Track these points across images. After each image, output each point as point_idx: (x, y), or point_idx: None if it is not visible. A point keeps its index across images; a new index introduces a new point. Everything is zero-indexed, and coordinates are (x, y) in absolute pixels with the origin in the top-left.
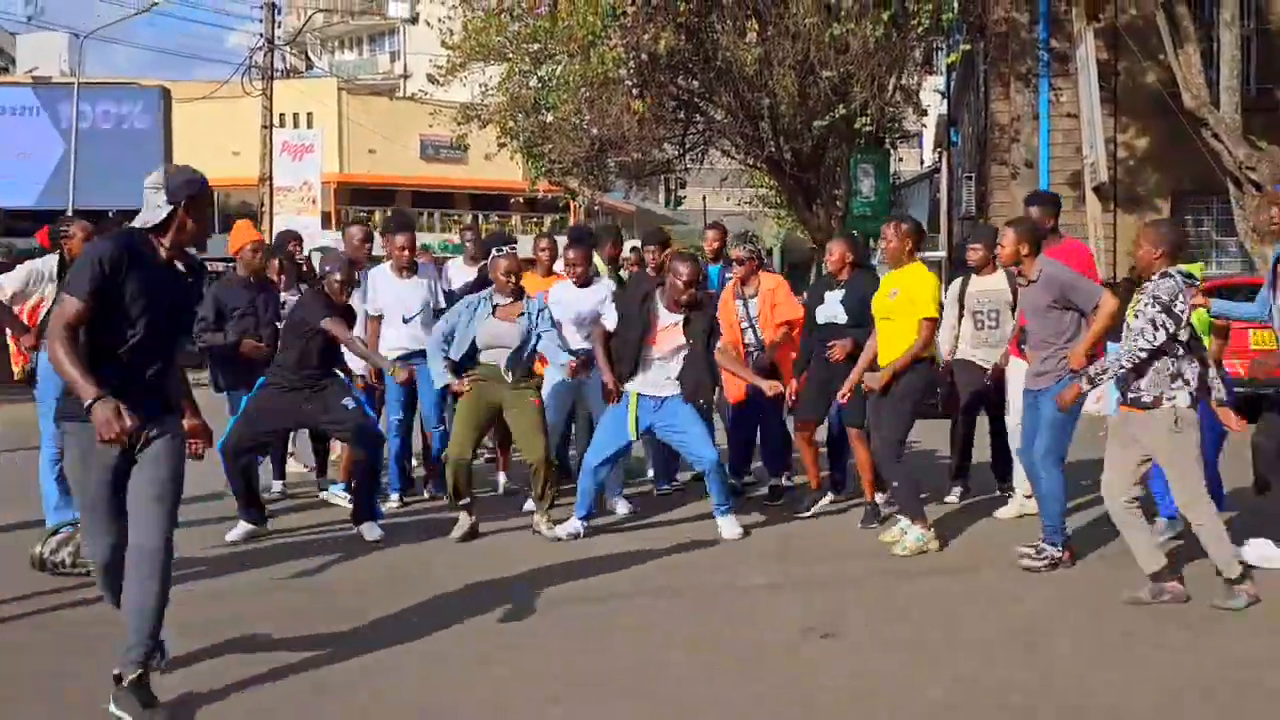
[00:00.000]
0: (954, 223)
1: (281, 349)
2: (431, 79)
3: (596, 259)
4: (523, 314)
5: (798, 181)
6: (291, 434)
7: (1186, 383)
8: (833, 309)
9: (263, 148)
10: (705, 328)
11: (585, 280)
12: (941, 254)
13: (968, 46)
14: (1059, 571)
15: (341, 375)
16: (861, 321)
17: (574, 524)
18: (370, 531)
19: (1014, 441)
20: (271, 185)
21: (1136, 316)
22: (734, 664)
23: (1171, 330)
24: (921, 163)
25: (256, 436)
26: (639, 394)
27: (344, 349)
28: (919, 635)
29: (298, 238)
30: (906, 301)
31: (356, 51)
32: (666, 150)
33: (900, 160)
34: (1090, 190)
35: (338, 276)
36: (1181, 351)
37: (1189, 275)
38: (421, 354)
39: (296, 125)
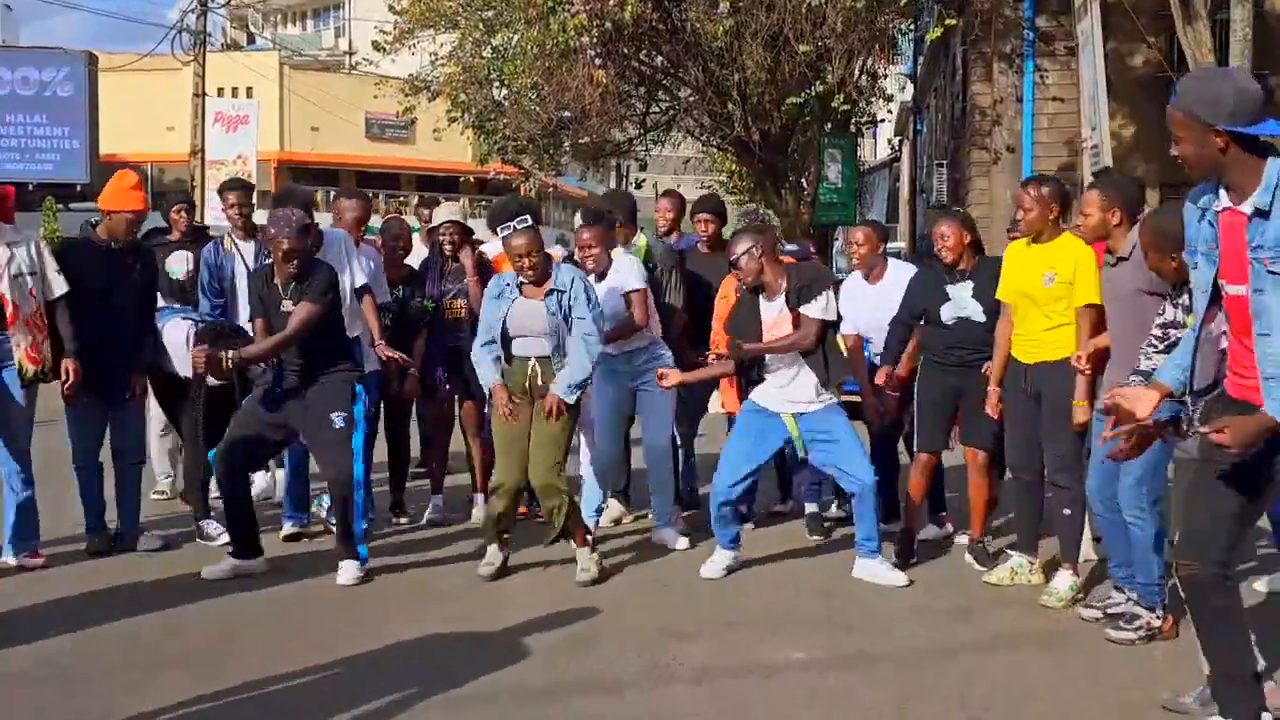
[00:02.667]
0: (916, 213)
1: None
2: (377, 46)
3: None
4: (554, 291)
5: (766, 165)
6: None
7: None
8: (965, 305)
9: (194, 118)
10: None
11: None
12: (902, 244)
13: (953, 20)
14: (1160, 645)
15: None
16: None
17: (720, 558)
18: (344, 573)
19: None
20: (204, 159)
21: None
22: None
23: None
24: (886, 149)
25: (250, 450)
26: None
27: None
28: None
29: (188, 203)
30: (1065, 285)
31: (300, 26)
32: (628, 130)
33: (858, 149)
34: (1090, 175)
35: (282, 243)
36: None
37: None
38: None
39: (236, 98)
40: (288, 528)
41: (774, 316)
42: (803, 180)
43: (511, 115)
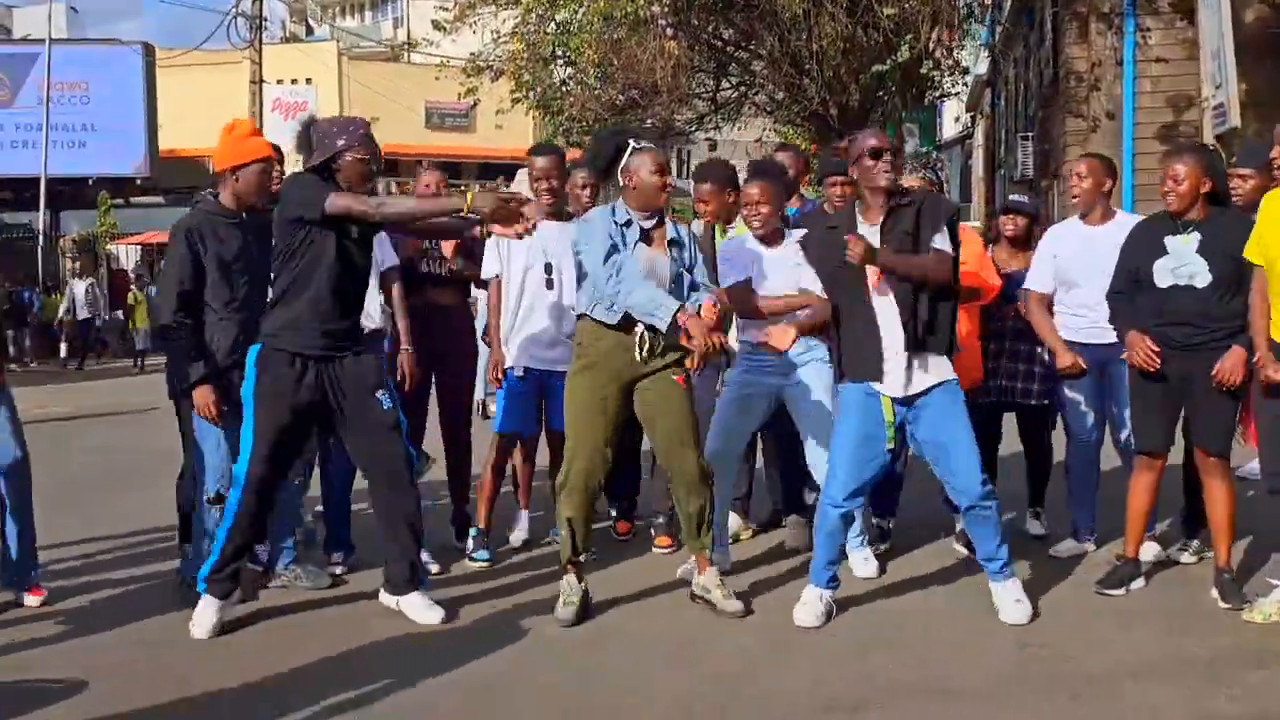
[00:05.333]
0: (994, 190)
1: (278, 290)
2: (438, 26)
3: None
4: (674, 242)
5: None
6: None
7: None
8: (1186, 263)
9: (252, 106)
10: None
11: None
12: (976, 223)
13: None
14: None
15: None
16: (1234, 285)
17: (813, 600)
18: (422, 610)
19: None
20: None
21: None
22: None
23: None
24: (953, 125)
25: (287, 456)
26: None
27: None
28: None
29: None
30: None
31: (358, 18)
32: (697, 107)
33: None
34: (1213, 138)
35: (358, 153)
36: None
37: None
38: None
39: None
40: (334, 570)
41: (872, 240)
42: None
43: (577, 95)
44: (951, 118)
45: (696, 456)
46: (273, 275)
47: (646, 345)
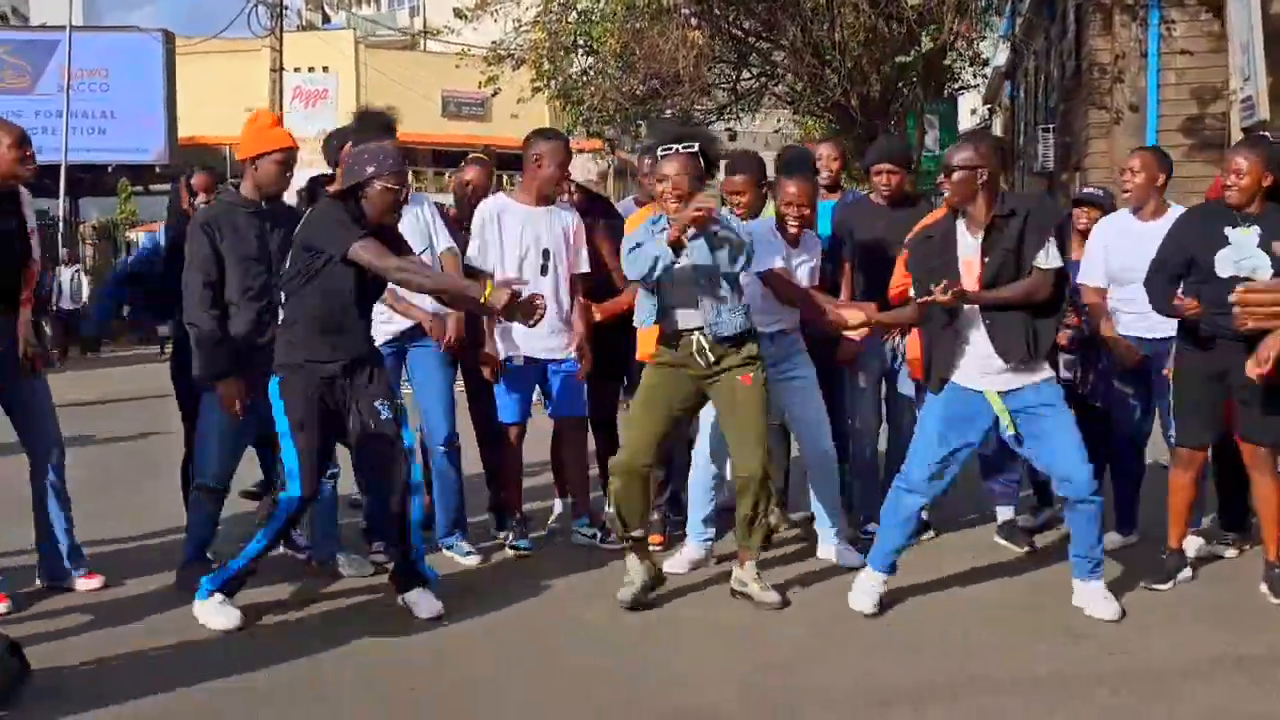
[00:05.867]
0: (1014, 182)
1: (291, 314)
2: (459, 14)
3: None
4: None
5: (867, 132)
6: None
7: None
8: (1249, 256)
9: (272, 94)
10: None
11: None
12: None
13: None
14: None
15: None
16: None
17: (870, 586)
18: (423, 604)
19: None
20: None
21: None
22: None
23: None
24: (969, 118)
25: (324, 467)
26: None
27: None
28: None
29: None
30: None
31: (375, 7)
32: (717, 97)
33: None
34: (1240, 131)
35: (388, 182)
36: None
37: None
38: None
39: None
40: (376, 558)
41: (972, 255)
42: None
43: (598, 85)
44: (968, 110)
45: (763, 459)
46: (284, 297)
47: (705, 351)
